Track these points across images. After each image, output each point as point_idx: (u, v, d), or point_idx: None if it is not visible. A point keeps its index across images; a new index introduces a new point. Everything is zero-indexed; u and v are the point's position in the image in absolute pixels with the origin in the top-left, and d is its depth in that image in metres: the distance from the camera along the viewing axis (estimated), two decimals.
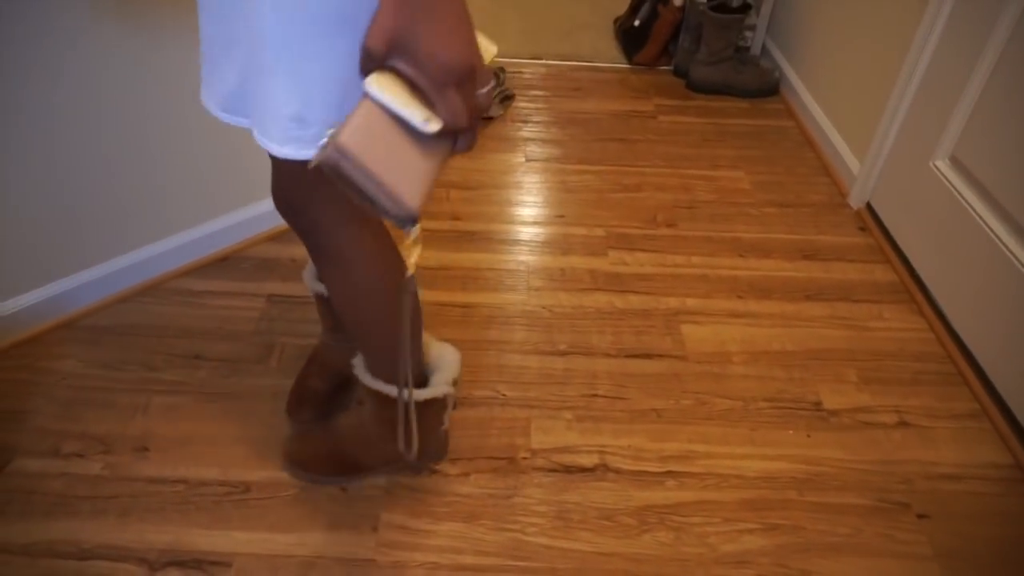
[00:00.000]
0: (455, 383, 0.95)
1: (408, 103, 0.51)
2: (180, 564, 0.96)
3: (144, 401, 1.17)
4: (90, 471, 1.07)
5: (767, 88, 2.17)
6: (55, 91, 1.12)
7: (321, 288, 1.05)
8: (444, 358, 0.95)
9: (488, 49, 0.54)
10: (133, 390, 1.19)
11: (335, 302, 0.84)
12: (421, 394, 0.91)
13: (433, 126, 0.51)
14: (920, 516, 1.06)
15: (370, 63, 0.50)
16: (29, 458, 1.08)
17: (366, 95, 0.51)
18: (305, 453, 1.07)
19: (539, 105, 2.09)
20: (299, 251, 1.50)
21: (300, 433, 1.08)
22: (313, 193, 0.70)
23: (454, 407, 0.98)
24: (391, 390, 0.89)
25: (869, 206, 1.67)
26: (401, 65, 0.50)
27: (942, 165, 1.42)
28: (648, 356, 1.29)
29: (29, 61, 1.08)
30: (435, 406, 0.95)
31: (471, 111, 0.53)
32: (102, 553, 0.97)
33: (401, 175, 0.53)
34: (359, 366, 0.92)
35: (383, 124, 0.52)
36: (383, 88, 0.51)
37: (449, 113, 0.51)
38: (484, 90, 0.53)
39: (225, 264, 1.46)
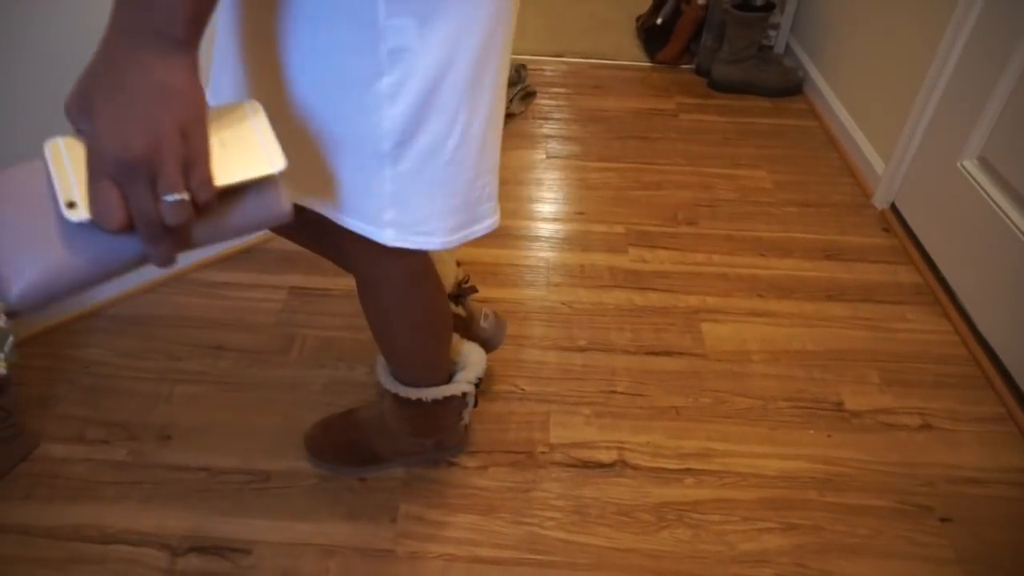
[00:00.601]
0: (478, 383, 0.98)
1: (63, 176, 0.44)
2: (201, 550, 0.98)
3: (167, 390, 1.19)
4: (114, 457, 1.08)
5: (790, 87, 2.15)
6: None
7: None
8: (470, 357, 0.98)
9: (264, 162, 0.46)
10: (156, 379, 1.21)
11: (364, 312, 0.85)
12: (443, 391, 0.93)
13: (74, 214, 0.42)
14: (943, 520, 1.05)
15: (69, 120, 0.43)
16: (55, 443, 1.10)
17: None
18: (325, 441, 1.08)
19: (560, 102, 2.09)
20: None
21: (321, 421, 1.09)
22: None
23: (475, 405, 0.99)
24: (412, 392, 0.92)
25: (893, 207, 1.65)
26: (82, 135, 0.43)
27: (970, 165, 1.40)
28: (668, 354, 1.29)
29: (40, 45, 1.09)
30: (455, 403, 0.97)
31: (145, 217, 0.42)
32: (125, 538, 0.99)
33: (18, 251, 0.43)
34: (380, 367, 0.95)
35: (34, 189, 0.44)
36: (56, 149, 0.44)
37: (97, 207, 0.42)
38: (181, 197, 0.42)
39: (247, 256, 1.47)
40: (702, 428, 1.16)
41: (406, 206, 0.63)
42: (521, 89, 2.06)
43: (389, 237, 0.64)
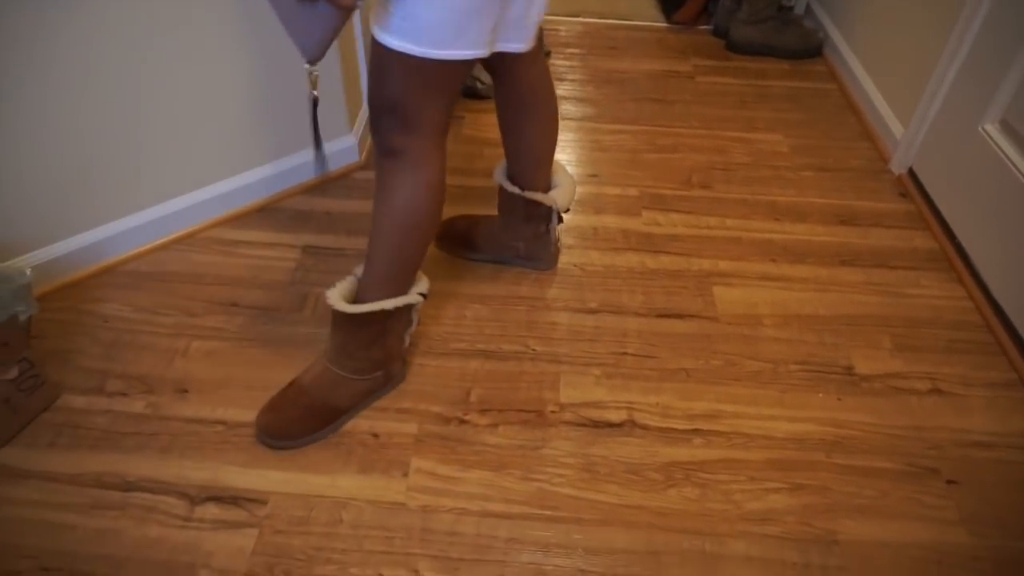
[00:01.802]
0: (424, 295, 1.07)
1: None
2: (218, 499, 1.00)
3: (183, 345, 1.20)
4: (133, 409, 1.10)
5: (810, 49, 2.10)
6: (93, 37, 1.13)
7: (504, 181, 1.25)
8: (421, 279, 1.08)
9: None
10: (173, 334, 1.22)
11: (375, 215, 0.98)
12: (400, 300, 1.03)
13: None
14: (949, 482, 1.05)
15: None
16: (75, 394, 1.12)
17: None
18: (281, 421, 1.06)
19: (574, 63, 2.05)
20: (334, 204, 1.51)
21: (266, 406, 1.07)
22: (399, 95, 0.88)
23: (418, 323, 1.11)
24: (377, 306, 1.01)
25: (911, 172, 1.63)
26: None
27: (991, 129, 1.37)
28: (679, 316, 1.29)
29: (66, 6, 1.08)
30: (405, 317, 1.07)
31: None
32: (145, 486, 1.01)
33: (301, 26, 0.77)
34: (335, 297, 1.01)
35: None
36: None
37: None
38: None
39: (262, 215, 1.47)
40: (712, 390, 1.17)
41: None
42: None
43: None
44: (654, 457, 1.07)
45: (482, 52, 0.85)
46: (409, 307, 1.06)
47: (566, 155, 1.69)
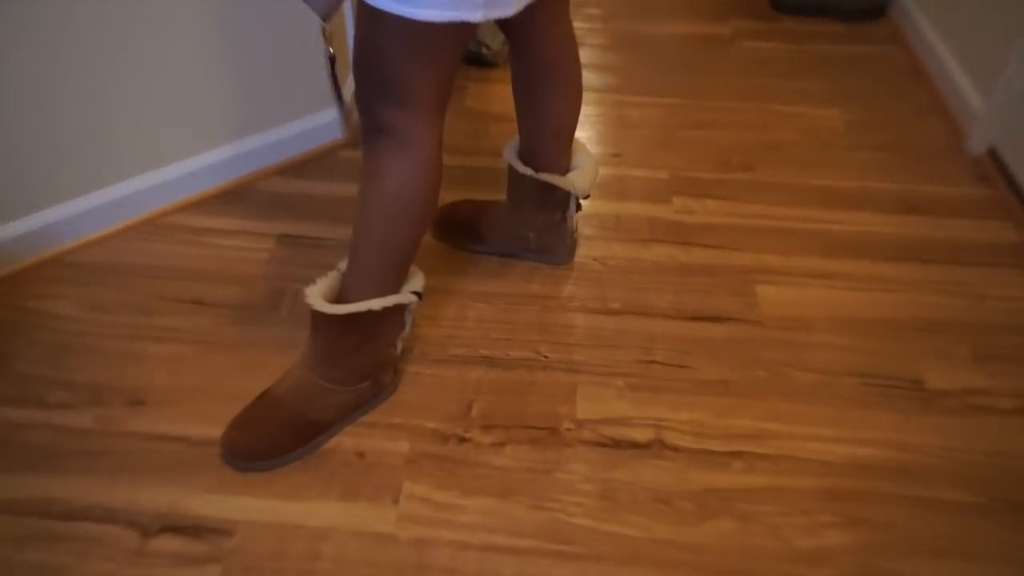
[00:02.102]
0: (420, 295, 1.07)
1: None
2: (177, 530, 0.98)
3: (139, 349, 1.19)
4: (79, 424, 1.09)
5: (871, 8, 2.08)
6: (36, 7, 1.12)
7: (516, 161, 1.24)
8: (416, 275, 1.07)
9: None
10: (127, 336, 1.21)
11: (360, 201, 0.97)
12: (390, 299, 1.02)
13: None
14: None
15: None
16: (11, 407, 1.11)
17: None
18: (250, 438, 1.05)
19: (594, 25, 2.04)
20: (315, 187, 1.50)
21: (234, 421, 1.06)
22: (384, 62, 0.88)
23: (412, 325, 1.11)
24: (360, 306, 1.00)
25: (992, 152, 1.60)
26: None
27: None
28: (716, 319, 1.27)
29: None
30: (396, 319, 1.06)
31: None
32: (91, 514, 0.99)
33: None
34: (315, 296, 1.00)
35: None
36: None
37: None
38: None
39: (231, 199, 1.47)
40: (754, 406, 1.15)
41: None
42: None
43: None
44: (686, 483, 1.05)
45: (472, 16, 0.83)
46: (401, 308, 1.05)
47: (585, 131, 1.68)
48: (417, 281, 1.06)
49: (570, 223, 1.31)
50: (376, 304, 1.00)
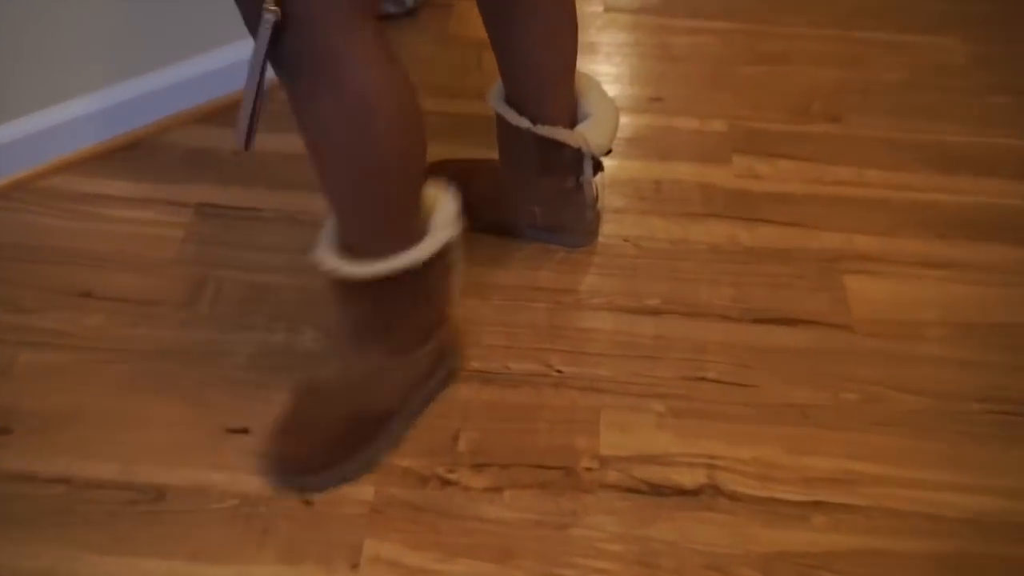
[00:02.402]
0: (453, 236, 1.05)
1: None
2: None
3: (6, 358, 1.19)
4: None
5: None
6: None
7: (503, 107, 1.22)
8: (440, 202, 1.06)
9: None
10: None
11: (321, 141, 0.94)
12: (426, 247, 1.00)
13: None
14: None
15: None
16: None
17: None
18: (308, 444, 1.08)
19: None
20: None
21: (278, 429, 1.09)
22: None
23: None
24: (399, 263, 0.98)
25: None
26: None
27: None
28: (790, 322, 1.28)
29: None
30: (439, 267, 1.04)
31: None
32: None
33: None
34: (332, 258, 0.99)
35: None
36: None
37: None
38: None
39: (130, 156, 1.46)
40: (842, 440, 1.15)
41: None
42: None
43: None
44: (749, 544, 1.05)
45: None
46: (440, 253, 1.05)
47: (613, 66, 1.67)
48: (444, 211, 1.04)
49: (588, 192, 1.29)
50: (413, 258, 0.99)
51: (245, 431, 1.14)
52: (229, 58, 1.52)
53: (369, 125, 0.92)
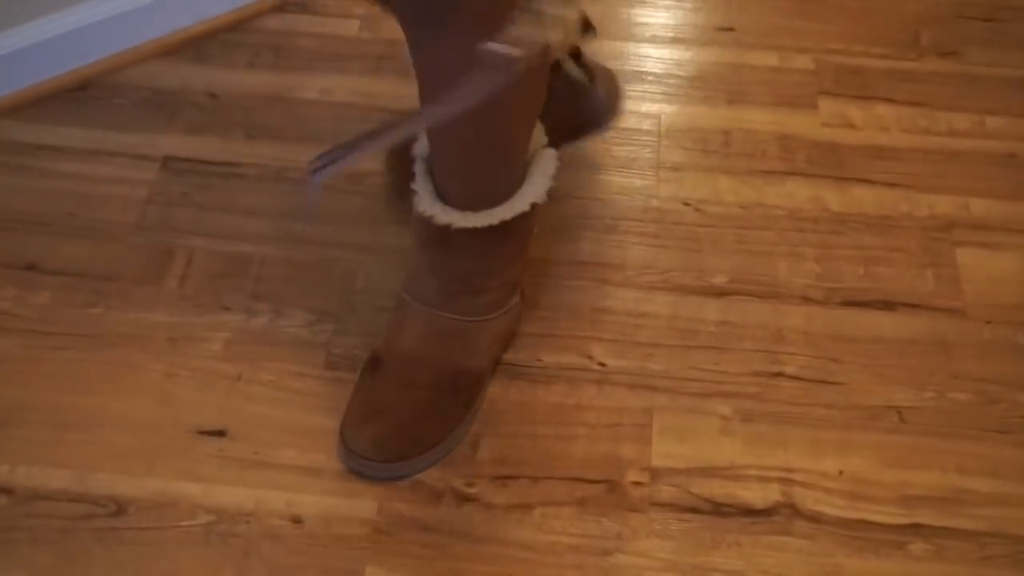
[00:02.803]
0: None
1: None
2: None
3: None
4: None
5: None
6: None
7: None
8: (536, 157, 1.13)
9: None
10: None
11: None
12: (529, 193, 1.09)
13: None
14: None
15: None
16: None
17: None
18: (399, 424, 1.11)
19: None
20: (223, 76, 1.51)
21: (357, 413, 1.12)
22: None
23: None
24: (503, 211, 1.07)
25: None
26: None
27: None
28: (887, 306, 1.28)
29: None
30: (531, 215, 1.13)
31: None
32: None
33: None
34: (433, 204, 1.07)
35: None
36: None
37: None
38: None
39: (82, 98, 1.47)
40: (949, 449, 1.15)
41: None
42: None
43: None
44: (833, 573, 1.06)
45: None
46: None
47: None
48: (545, 148, 1.12)
49: (581, 77, 1.31)
50: (536, 194, 1.08)
51: (221, 433, 1.15)
52: None
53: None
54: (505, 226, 1.08)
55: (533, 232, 1.17)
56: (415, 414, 1.13)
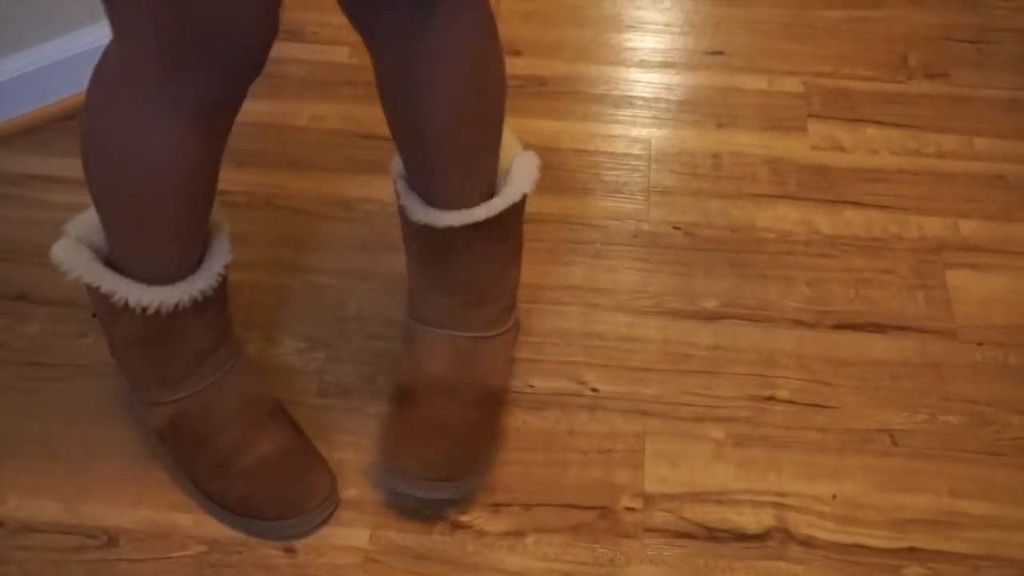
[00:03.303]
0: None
1: None
2: None
3: None
4: None
5: None
6: None
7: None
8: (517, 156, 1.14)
9: None
10: None
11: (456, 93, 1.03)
12: (518, 184, 1.11)
13: None
14: None
15: None
16: None
17: None
18: (452, 442, 1.11)
19: None
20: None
21: (399, 441, 1.12)
22: None
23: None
24: (497, 204, 1.09)
25: None
26: None
27: None
28: (879, 328, 1.28)
29: None
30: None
31: None
32: None
33: None
34: (420, 208, 1.09)
35: None
36: None
37: None
38: None
39: (71, 128, 1.44)
40: (943, 472, 1.15)
41: None
42: None
43: None
44: None
45: None
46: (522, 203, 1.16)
47: (661, 11, 1.67)
48: (522, 151, 1.14)
49: None
50: (526, 184, 1.11)
51: None
52: None
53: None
54: (501, 222, 1.09)
55: (523, 237, 1.18)
56: (471, 431, 1.13)
